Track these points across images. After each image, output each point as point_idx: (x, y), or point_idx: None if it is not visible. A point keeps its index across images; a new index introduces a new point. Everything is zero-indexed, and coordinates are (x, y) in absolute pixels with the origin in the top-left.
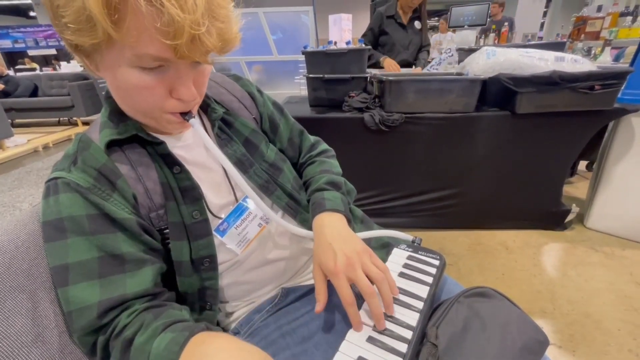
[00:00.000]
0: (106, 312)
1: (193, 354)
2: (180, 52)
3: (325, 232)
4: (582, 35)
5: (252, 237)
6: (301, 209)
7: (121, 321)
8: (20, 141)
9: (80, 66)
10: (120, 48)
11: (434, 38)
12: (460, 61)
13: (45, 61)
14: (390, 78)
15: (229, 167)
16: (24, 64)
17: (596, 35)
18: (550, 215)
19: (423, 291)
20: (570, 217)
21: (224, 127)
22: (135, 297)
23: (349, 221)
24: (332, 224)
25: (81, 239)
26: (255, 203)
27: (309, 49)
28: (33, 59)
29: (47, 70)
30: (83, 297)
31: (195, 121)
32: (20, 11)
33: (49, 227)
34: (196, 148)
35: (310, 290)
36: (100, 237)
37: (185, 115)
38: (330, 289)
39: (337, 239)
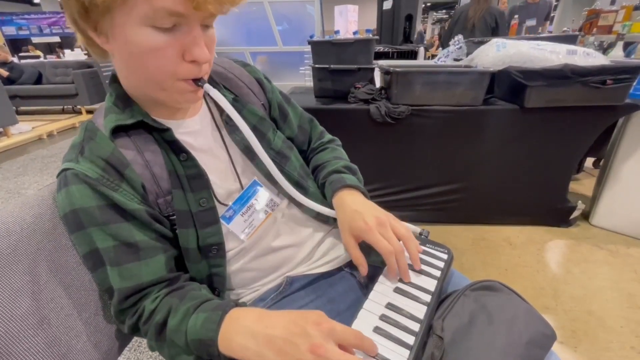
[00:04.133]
0: (126, 298)
1: (231, 328)
2: (197, 0)
3: (349, 203)
4: (595, 29)
5: (258, 225)
6: (307, 196)
7: (146, 307)
8: (24, 128)
9: (85, 54)
10: (134, 2)
11: None
12: (469, 53)
13: (49, 49)
14: (397, 69)
15: (251, 137)
16: (27, 51)
17: (609, 29)
18: (555, 212)
19: (431, 284)
20: (575, 213)
21: None
22: (150, 285)
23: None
24: (354, 198)
25: (97, 229)
26: (277, 179)
27: (315, 39)
28: (36, 46)
29: (51, 58)
30: (109, 281)
31: (209, 86)
32: None
33: (68, 220)
34: (203, 134)
35: (315, 280)
36: (112, 226)
37: (198, 81)
38: (335, 279)
39: (362, 207)
